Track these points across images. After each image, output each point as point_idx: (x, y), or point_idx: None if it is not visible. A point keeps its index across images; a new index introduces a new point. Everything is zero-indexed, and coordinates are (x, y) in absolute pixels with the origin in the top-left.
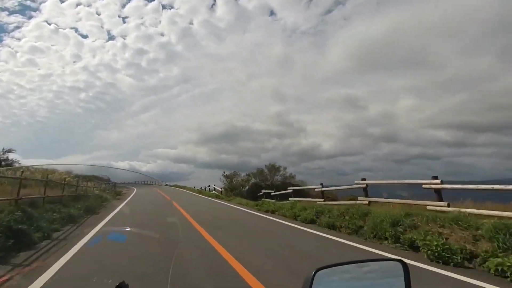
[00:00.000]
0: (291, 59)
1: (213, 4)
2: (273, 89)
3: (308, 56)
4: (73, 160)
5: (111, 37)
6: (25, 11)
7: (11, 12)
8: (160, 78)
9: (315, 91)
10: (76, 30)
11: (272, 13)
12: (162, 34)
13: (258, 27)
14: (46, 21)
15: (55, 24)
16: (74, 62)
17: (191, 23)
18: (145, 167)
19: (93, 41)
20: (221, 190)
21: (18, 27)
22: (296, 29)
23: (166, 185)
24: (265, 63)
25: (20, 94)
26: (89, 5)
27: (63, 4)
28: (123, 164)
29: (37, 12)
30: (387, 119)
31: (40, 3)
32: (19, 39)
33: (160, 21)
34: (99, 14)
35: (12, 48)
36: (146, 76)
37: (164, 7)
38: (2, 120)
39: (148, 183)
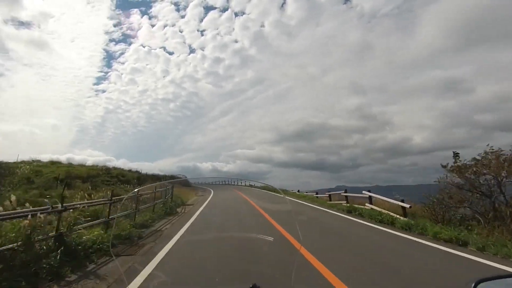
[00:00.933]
0: (371, 46)
1: (283, 3)
2: (350, 81)
3: (392, 40)
4: (165, 162)
5: (192, 51)
6: (127, 39)
7: (117, 42)
8: (236, 83)
9: (402, 78)
10: (164, 48)
11: (346, 0)
12: (236, 41)
13: (332, 18)
14: (142, 45)
15: (148, 46)
16: (164, 77)
17: (262, 25)
18: (226, 167)
19: (178, 56)
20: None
21: (122, 53)
22: (375, 13)
23: (250, 185)
24: (340, 54)
25: (126, 108)
26: (173, 25)
27: (154, 28)
28: (207, 165)
29: (135, 38)
30: (503, 102)
31: (137, 31)
32: (123, 63)
33: (233, 29)
34: (181, 32)
35: (118, 71)
36: (223, 83)
37: (236, 14)
38: (114, 130)
39: (230, 183)
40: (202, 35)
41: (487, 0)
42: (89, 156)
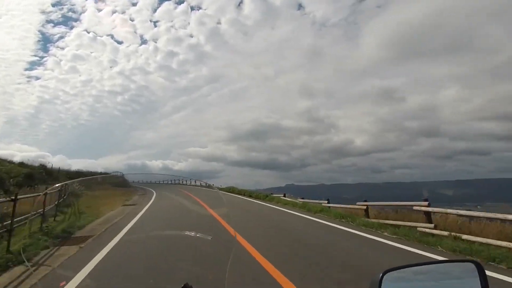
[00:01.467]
0: (321, 53)
1: (241, 2)
2: (301, 84)
3: (339, 48)
4: (111, 160)
5: (143, 42)
6: (68, 22)
7: (56, 24)
8: (190, 79)
9: (347, 85)
10: (112, 36)
11: (300, 6)
12: (191, 36)
13: (286, 22)
14: (86, 30)
15: (93, 32)
16: (111, 67)
17: (219, 22)
18: (177, 165)
19: (127, 47)
20: None
21: (61, 37)
22: (326, 21)
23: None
24: (293, 58)
25: (65, 99)
26: (123, 12)
27: (101, 13)
28: (157, 163)
29: (78, 22)
30: (428, 112)
31: (80, 14)
32: (62, 48)
33: (189, 23)
34: (132, 20)
35: (57, 57)
36: (177, 78)
37: (192, 8)
38: (50, 123)
39: (181, 182)
40: (155, 26)
41: (423, 19)
42: (18, 151)
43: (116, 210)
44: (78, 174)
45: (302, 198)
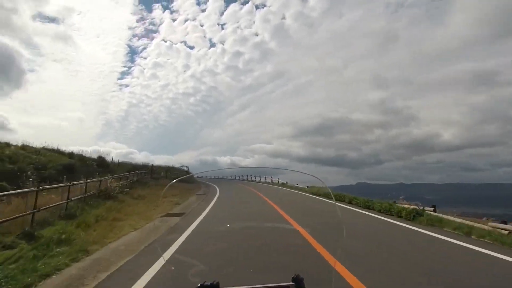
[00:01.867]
0: (396, 37)
1: None
2: (373, 73)
3: (419, 30)
4: (185, 156)
5: (212, 45)
6: (149, 34)
7: (140, 37)
8: (255, 77)
9: (429, 70)
10: (185, 43)
11: None
12: (256, 34)
13: (356, 8)
14: (163, 40)
15: (169, 41)
16: (184, 71)
17: (283, 18)
18: (244, 161)
19: (198, 51)
20: None
21: (144, 48)
22: (403, 1)
23: (273, 184)
24: (363, 46)
25: (148, 103)
26: (194, 19)
27: (175, 22)
28: (225, 159)
29: (157, 33)
30: None
31: (159, 25)
32: (145, 58)
33: (254, 22)
34: (202, 26)
35: (141, 66)
36: (243, 77)
37: (257, 7)
38: (136, 124)
39: (249, 178)
40: (223, 28)
41: None
42: (112, 148)
43: (142, 229)
44: (141, 167)
45: (433, 207)
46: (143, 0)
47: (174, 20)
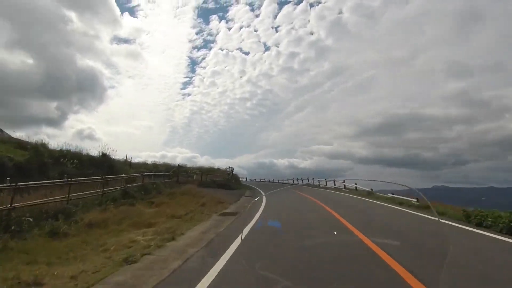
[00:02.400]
0: (478, 17)
1: None
2: (449, 61)
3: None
4: (244, 159)
5: (267, 48)
6: (207, 44)
7: (199, 48)
8: (311, 77)
9: None
10: (241, 49)
11: None
12: (311, 33)
13: None
14: (220, 48)
15: (226, 49)
16: (241, 77)
17: (340, 12)
18: (302, 163)
19: (253, 56)
20: None
21: (203, 58)
22: None
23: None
24: (435, 32)
25: (208, 109)
26: (248, 26)
27: (230, 31)
28: (283, 162)
29: (214, 43)
30: None
31: (216, 35)
32: (204, 67)
33: (308, 21)
34: (256, 31)
35: (201, 75)
36: (299, 77)
37: (311, 5)
38: (198, 130)
39: (311, 183)
40: (277, 31)
41: None
42: (178, 153)
43: None
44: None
45: None
46: (201, 13)
47: (229, 28)
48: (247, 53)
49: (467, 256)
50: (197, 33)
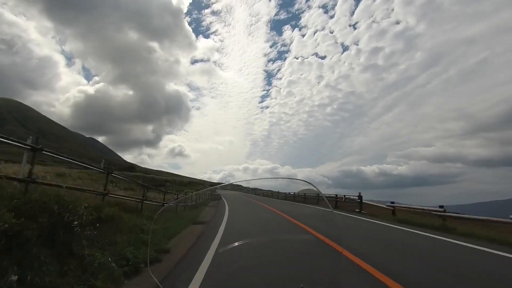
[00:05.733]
0: None
1: None
2: None
3: None
4: (327, 167)
5: (345, 49)
6: (281, 55)
7: (274, 61)
8: (401, 71)
9: None
10: (316, 54)
11: None
12: (397, 22)
13: None
14: (295, 57)
15: (301, 56)
16: (318, 83)
17: None
18: (397, 170)
19: (330, 59)
20: None
21: (278, 70)
22: None
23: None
24: None
25: (286, 119)
26: (323, 28)
27: (304, 37)
28: (372, 169)
29: (288, 53)
30: None
31: (289, 45)
32: (280, 79)
33: (392, 9)
34: (332, 32)
35: (277, 87)
36: (385, 74)
37: None
38: (278, 141)
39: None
40: (355, 28)
41: None
42: (259, 165)
43: None
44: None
45: None
46: (274, 26)
47: (303, 35)
48: (323, 57)
49: None
50: (271, 46)
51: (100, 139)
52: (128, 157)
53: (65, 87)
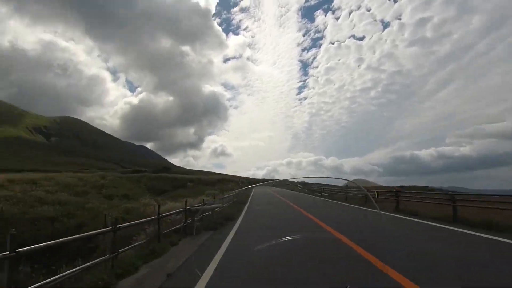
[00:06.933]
0: None
1: None
2: None
3: None
4: (376, 155)
5: (385, 25)
6: (316, 43)
7: (308, 49)
8: (455, 41)
9: None
10: (354, 36)
11: None
12: None
13: None
14: (330, 42)
15: (337, 41)
16: (358, 66)
17: None
18: (458, 151)
19: (370, 38)
20: None
21: (314, 58)
22: None
23: None
24: None
25: (327, 109)
26: (358, 7)
27: (339, 20)
28: (428, 152)
29: (323, 39)
30: None
31: (323, 31)
32: (316, 67)
33: None
34: (369, 10)
35: (314, 76)
36: (436, 47)
37: None
38: (320, 131)
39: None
40: (395, 1)
41: None
42: (302, 158)
43: None
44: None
45: None
46: (305, 13)
47: (337, 18)
48: (361, 38)
49: None
50: (304, 35)
51: (149, 145)
52: (175, 160)
53: (113, 100)
